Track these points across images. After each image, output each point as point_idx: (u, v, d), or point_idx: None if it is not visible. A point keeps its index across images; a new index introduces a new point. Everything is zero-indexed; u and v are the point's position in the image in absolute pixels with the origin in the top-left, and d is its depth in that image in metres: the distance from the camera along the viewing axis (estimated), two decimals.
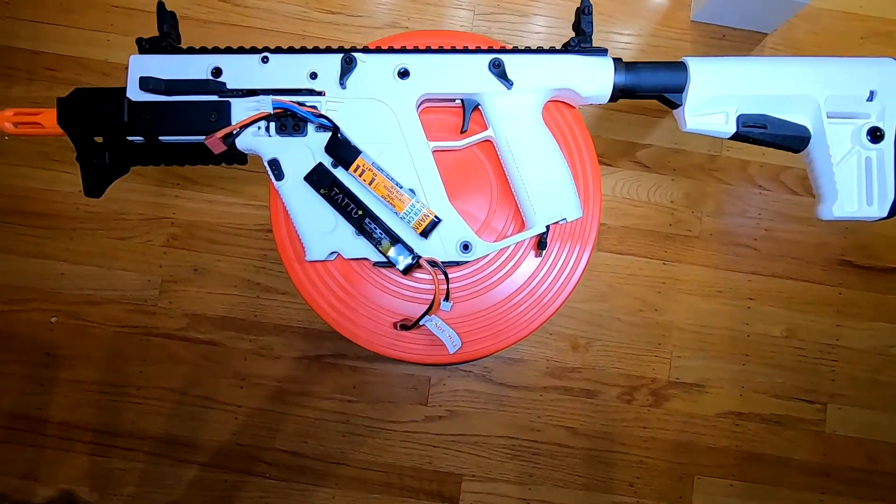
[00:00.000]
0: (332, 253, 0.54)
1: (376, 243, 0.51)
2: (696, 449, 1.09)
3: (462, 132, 0.55)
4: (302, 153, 0.52)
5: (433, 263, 0.51)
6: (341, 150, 0.50)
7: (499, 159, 0.56)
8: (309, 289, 0.57)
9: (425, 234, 0.51)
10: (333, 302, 0.57)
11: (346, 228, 0.52)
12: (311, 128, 0.52)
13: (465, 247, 0.53)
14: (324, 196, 0.51)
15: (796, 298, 1.10)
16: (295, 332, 1.09)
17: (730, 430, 1.09)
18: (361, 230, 0.51)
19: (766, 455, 1.09)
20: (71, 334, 1.08)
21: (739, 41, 1.10)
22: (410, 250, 0.51)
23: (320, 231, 0.52)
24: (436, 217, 0.51)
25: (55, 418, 1.08)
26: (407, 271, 0.52)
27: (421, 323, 0.53)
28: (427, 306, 0.53)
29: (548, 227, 0.53)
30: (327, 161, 0.52)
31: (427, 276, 0.57)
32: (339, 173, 0.52)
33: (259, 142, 0.52)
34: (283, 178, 0.52)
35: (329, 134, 0.51)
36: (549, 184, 0.53)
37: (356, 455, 1.08)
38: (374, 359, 1.09)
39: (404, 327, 0.55)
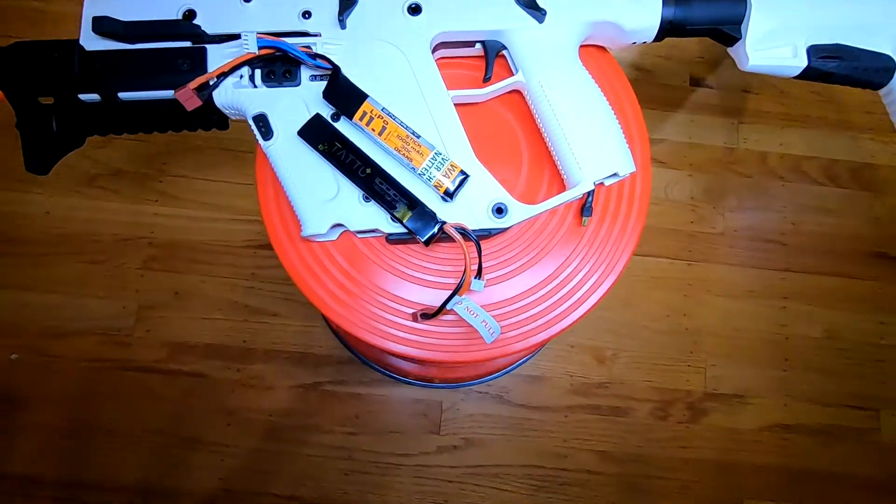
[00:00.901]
0: (336, 227, 0.43)
1: (390, 208, 0.40)
2: (743, 469, 0.96)
3: (485, 81, 0.45)
4: (294, 106, 0.42)
5: (462, 231, 0.41)
6: (343, 94, 0.40)
7: (529, 114, 0.47)
8: (303, 274, 0.45)
9: (450, 194, 0.41)
10: (335, 290, 0.45)
11: (352, 193, 0.42)
12: (304, 76, 0.43)
13: (499, 210, 0.42)
14: (323, 153, 0.41)
15: (833, 296, 1.00)
16: (289, 357, 0.96)
17: (777, 445, 0.97)
18: (371, 193, 0.41)
19: (819, 471, 0.96)
20: (34, 372, 0.94)
21: None
22: (433, 216, 0.41)
23: (319, 198, 0.42)
24: (463, 171, 0.40)
25: (15, 471, 0.92)
26: (430, 242, 0.41)
27: (449, 307, 0.41)
28: (453, 289, 0.41)
29: (595, 185, 0.43)
30: (326, 112, 0.42)
31: (450, 255, 0.46)
32: (342, 126, 0.42)
33: (242, 95, 0.42)
34: (271, 137, 0.42)
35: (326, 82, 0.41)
36: (593, 133, 0.43)
37: (361, 496, 0.93)
38: (378, 383, 0.96)
39: (426, 317, 0.44)
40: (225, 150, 1.01)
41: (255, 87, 0.42)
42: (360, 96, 0.40)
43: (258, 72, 0.42)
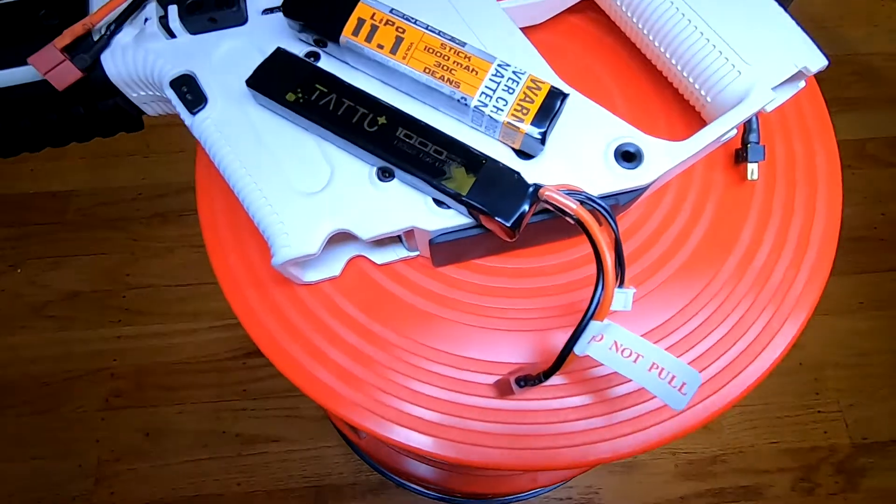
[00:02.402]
0: (335, 243, 0.22)
1: (433, 176, 0.21)
2: None
3: None
4: (241, 53, 0.24)
5: (582, 198, 0.20)
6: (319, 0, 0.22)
7: (602, 39, 0.29)
8: (287, 346, 0.24)
9: (541, 135, 0.21)
10: (348, 366, 0.24)
11: (357, 170, 0.22)
12: (252, 10, 0.25)
13: (628, 156, 0.22)
14: (296, 107, 0.22)
15: None
16: (300, 496, 0.70)
17: None
18: (394, 157, 0.21)
19: None
20: None
21: None
22: (515, 177, 0.21)
23: (297, 191, 0.22)
24: (556, 89, 0.21)
25: None
26: (519, 225, 0.20)
27: (578, 352, 0.20)
28: (582, 319, 0.20)
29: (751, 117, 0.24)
30: (299, 51, 0.24)
31: (538, 265, 0.26)
32: (326, 65, 0.23)
33: (150, 52, 0.24)
34: (204, 105, 0.23)
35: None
36: (750, 14, 0.25)
37: None
38: None
39: (529, 382, 0.22)
40: (197, 248, 0.82)
41: (174, 36, 0.24)
42: (349, 1, 0.22)
43: (174, 8, 0.24)
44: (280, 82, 0.22)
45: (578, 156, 0.22)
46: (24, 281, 0.81)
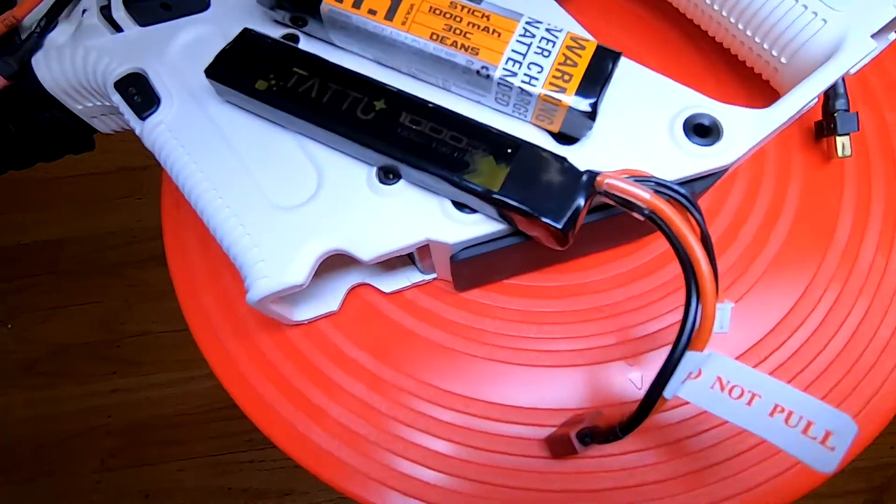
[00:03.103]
0: (327, 270, 0.17)
1: (452, 170, 0.15)
2: None
3: None
4: (203, 43, 0.19)
5: (656, 186, 0.15)
6: None
7: (628, 11, 0.24)
8: (265, 395, 0.19)
9: (591, 109, 0.16)
10: (349, 421, 0.18)
11: (352, 173, 0.17)
12: None
13: (702, 130, 0.17)
14: (268, 99, 0.17)
15: None
16: None
17: None
18: (397, 149, 0.16)
19: None
20: None
21: None
22: (563, 164, 0.16)
23: (275, 204, 0.17)
24: (605, 49, 0.16)
25: None
26: (572, 227, 0.15)
27: (669, 395, 0.14)
28: (665, 363, 0.15)
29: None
30: (275, 33, 0.19)
31: (577, 282, 0.20)
32: (304, 47, 0.19)
33: (91, 51, 0.19)
34: (157, 106, 0.18)
35: None
36: None
37: None
38: None
39: (597, 438, 0.16)
40: None
41: (120, 30, 0.20)
42: None
43: None
44: (248, 69, 0.17)
45: (638, 133, 0.17)
46: (13, 337, 0.76)
